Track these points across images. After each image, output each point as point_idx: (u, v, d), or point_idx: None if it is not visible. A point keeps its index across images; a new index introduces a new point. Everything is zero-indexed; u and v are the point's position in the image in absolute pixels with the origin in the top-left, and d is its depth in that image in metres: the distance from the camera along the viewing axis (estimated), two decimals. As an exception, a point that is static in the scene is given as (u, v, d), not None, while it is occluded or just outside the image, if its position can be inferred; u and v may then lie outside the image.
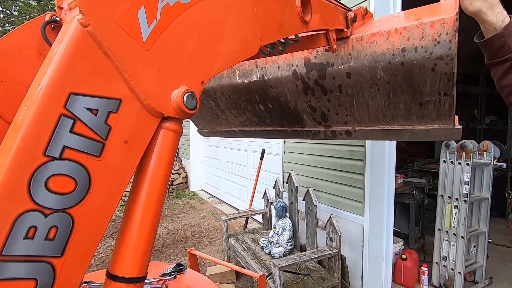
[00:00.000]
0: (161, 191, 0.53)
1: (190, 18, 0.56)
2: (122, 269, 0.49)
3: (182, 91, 0.53)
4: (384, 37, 1.17)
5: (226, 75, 1.72)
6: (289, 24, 0.87)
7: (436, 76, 1.14)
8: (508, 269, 3.10)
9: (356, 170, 2.57)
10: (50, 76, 0.39)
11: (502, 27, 0.73)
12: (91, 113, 0.43)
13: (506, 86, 0.75)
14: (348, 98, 1.39)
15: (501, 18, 0.75)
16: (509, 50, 0.73)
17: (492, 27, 0.75)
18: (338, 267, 2.36)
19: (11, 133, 0.39)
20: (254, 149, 4.73)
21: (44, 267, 0.39)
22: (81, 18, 0.41)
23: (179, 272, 1.32)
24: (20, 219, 0.37)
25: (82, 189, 0.42)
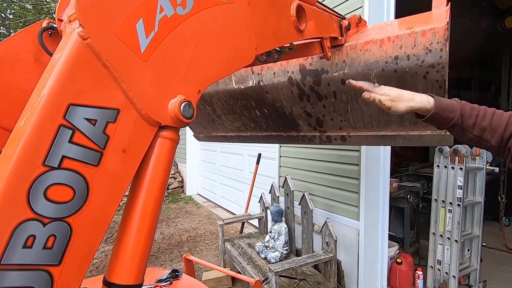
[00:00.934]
0: (158, 199, 0.54)
1: (187, 29, 0.57)
2: (118, 276, 0.50)
3: (179, 100, 0.54)
4: (378, 45, 1.20)
5: (223, 80, 1.73)
6: (284, 33, 0.89)
7: (428, 84, 1.16)
8: (502, 272, 3.13)
9: (351, 174, 2.59)
10: (50, 87, 0.40)
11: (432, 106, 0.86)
12: (90, 123, 0.43)
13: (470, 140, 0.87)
14: (343, 104, 1.42)
15: (426, 101, 0.88)
16: (449, 119, 0.85)
17: (424, 110, 0.88)
18: (334, 272, 2.37)
19: (11, 142, 0.40)
20: (250, 154, 4.74)
21: (42, 275, 0.40)
22: (81, 31, 0.42)
23: (175, 278, 1.32)
24: (19, 228, 0.38)
25: (80, 198, 0.43)
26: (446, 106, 0.86)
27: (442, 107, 0.86)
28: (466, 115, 0.85)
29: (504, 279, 2.99)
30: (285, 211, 3.07)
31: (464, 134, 0.86)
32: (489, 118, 0.84)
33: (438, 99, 0.88)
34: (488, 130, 0.83)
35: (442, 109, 0.85)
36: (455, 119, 0.84)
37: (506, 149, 0.81)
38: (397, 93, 0.90)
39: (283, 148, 3.48)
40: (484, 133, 0.83)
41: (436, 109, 0.85)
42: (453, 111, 0.85)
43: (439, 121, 0.86)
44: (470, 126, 0.84)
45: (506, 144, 0.81)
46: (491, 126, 0.83)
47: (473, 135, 0.84)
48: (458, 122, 0.85)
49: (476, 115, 0.85)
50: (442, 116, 0.85)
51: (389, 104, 0.89)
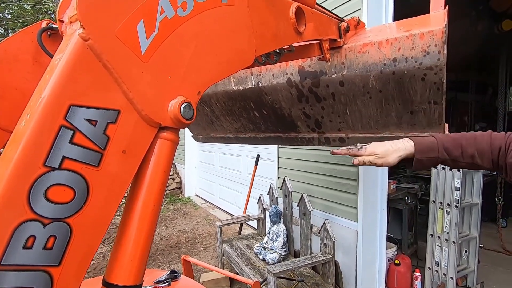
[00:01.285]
0: (157, 200, 0.54)
1: (187, 30, 0.57)
2: (118, 277, 0.50)
3: (179, 101, 0.55)
4: (376, 47, 1.21)
5: (222, 82, 1.73)
6: (283, 35, 0.89)
7: (426, 86, 1.17)
8: (499, 274, 3.14)
9: (350, 176, 2.60)
10: (51, 88, 0.40)
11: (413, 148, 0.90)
12: (90, 124, 0.44)
13: (465, 168, 0.90)
14: (341, 106, 1.42)
15: (409, 146, 0.91)
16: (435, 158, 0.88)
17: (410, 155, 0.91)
18: (332, 273, 2.37)
19: (11, 143, 0.40)
20: (248, 155, 4.74)
21: (42, 276, 0.40)
22: (82, 32, 0.42)
23: (173, 279, 1.31)
24: (19, 228, 0.38)
25: (81, 198, 0.43)
26: (426, 147, 0.89)
27: (422, 151, 0.89)
28: (450, 147, 0.87)
29: (502, 280, 3.00)
30: (283, 213, 3.07)
31: (457, 164, 0.88)
32: (473, 144, 0.86)
33: (417, 143, 0.90)
34: (477, 156, 0.85)
35: (422, 152, 0.88)
36: (440, 155, 0.87)
37: (500, 168, 0.83)
38: (382, 149, 0.93)
39: (282, 150, 3.48)
40: (474, 159, 0.85)
41: (417, 155, 0.88)
42: (434, 150, 0.88)
43: (426, 163, 0.89)
44: (459, 156, 0.86)
45: (498, 164, 0.83)
46: (477, 151, 0.85)
47: (465, 163, 0.87)
48: (446, 157, 0.87)
49: (460, 145, 0.87)
50: (427, 158, 0.88)
51: (379, 161, 0.92)
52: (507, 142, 0.82)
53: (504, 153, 0.81)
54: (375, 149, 0.93)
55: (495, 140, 0.84)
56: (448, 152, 0.87)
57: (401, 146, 0.91)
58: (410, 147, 0.90)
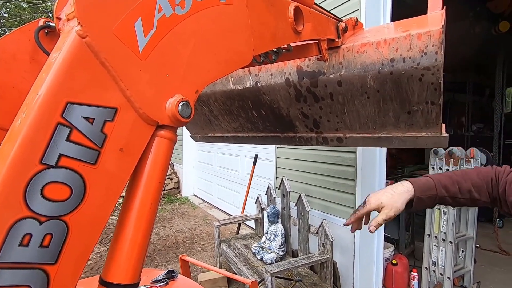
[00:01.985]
0: (155, 198, 0.54)
1: (185, 29, 0.57)
2: (115, 275, 0.49)
3: (177, 100, 0.55)
4: (374, 47, 1.21)
5: (220, 81, 1.73)
6: (282, 34, 0.90)
7: (423, 86, 1.18)
8: (495, 274, 3.16)
9: (347, 176, 2.60)
10: (48, 85, 0.40)
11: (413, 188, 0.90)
12: (88, 122, 0.43)
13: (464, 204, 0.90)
14: (339, 106, 1.43)
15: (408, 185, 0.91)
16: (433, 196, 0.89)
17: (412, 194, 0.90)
18: (329, 273, 2.38)
19: (8, 140, 0.40)
20: (246, 155, 4.74)
21: (38, 274, 0.39)
22: (79, 29, 0.42)
23: (171, 279, 1.31)
24: (15, 226, 0.37)
25: (77, 196, 0.43)
26: (424, 185, 0.89)
27: (421, 189, 0.89)
28: (447, 184, 0.88)
29: (498, 280, 3.02)
30: (281, 212, 3.07)
31: (456, 201, 0.89)
32: (467, 179, 0.87)
33: (414, 183, 0.90)
34: (474, 190, 0.86)
35: (422, 191, 0.89)
36: (438, 192, 0.88)
37: (498, 201, 0.84)
38: (385, 198, 0.90)
39: (280, 150, 3.49)
40: (471, 193, 0.86)
41: (417, 193, 0.88)
42: (431, 188, 0.88)
43: (426, 201, 0.89)
44: (457, 192, 0.87)
45: (497, 198, 0.84)
46: (474, 186, 0.86)
47: (463, 199, 0.87)
48: (444, 194, 0.88)
49: (456, 181, 0.88)
50: (427, 196, 0.88)
51: (392, 213, 0.88)
52: (496, 174, 0.84)
53: (496, 185, 0.83)
54: (379, 201, 0.90)
55: (485, 173, 0.86)
56: (446, 189, 0.88)
57: (402, 188, 0.90)
58: (411, 188, 0.89)
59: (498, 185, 0.83)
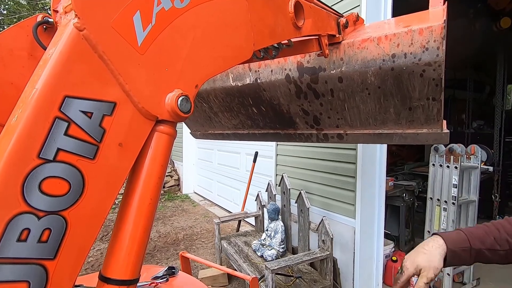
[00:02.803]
0: (154, 194, 0.53)
1: (184, 22, 0.56)
2: (115, 271, 0.49)
3: (176, 94, 0.54)
4: (375, 43, 1.20)
5: (220, 78, 1.72)
6: (282, 29, 0.89)
7: (424, 82, 1.17)
8: (495, 270, 3.17)
9: (348, 173, 2.60)
10: (45, 79, 0.40)
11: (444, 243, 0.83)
12: (86, 116, 0.43)
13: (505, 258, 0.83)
14: (340, 102, 1.42)
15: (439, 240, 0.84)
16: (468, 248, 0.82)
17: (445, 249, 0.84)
18: (329, 269, 2.38)
19: (4, 135, 0.39)
20: (247, 152, 4.74)
21: (37, 269, 0.39)
22: (77, 22, 0.41)
23: (171, 275, 1.31)
24: (13, 221, 0.37)
25: (76, 191, 0.42)
26: (456, 238, 0.83)
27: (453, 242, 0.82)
28: (481, 236, 0.81)
29: (497, 277, 3.03)
30: (281, 209, 3.08)
31: (495, 254, 0.82)
32: (502, 228, 0.81)
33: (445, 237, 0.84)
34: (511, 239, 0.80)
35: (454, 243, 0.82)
36: (472, 245, 0.81)
37: None
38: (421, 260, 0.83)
39: (280, 147, 3.48)
40: (510, 243, 0.80)
41: (450, 245, 0.82)
42: (464, 240, 0.82)
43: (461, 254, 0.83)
44: (494, 243, 0.80)
45: None
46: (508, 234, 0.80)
47: (503, 251, 0.80)
48: (480, 247, 0.81)
49: (490, 232, 0.82)
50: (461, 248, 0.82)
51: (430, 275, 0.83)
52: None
53: None
54: (415, 264, 0.84)
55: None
56: (480, 240, 0.81)
57: (434, 244, 0.84)
58: (442, 242, 0.83)
59: None
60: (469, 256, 0.82)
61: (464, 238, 0.82)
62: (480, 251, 0.81)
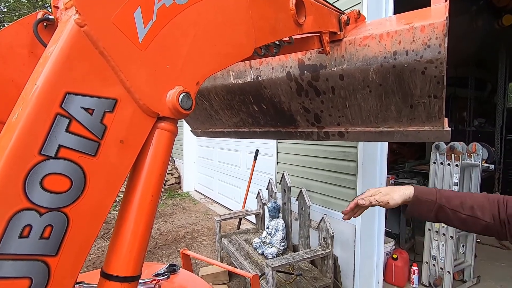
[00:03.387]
0: (156, 191, 0.53)
1: (185, 19, 0.56)
2: (116, 268, 0.49)
3: (177, 91, 0.54)
4: (376, 40, 1.20)
5: (220, 75, 1.72)
6: (283, 26, 0.88)
7: (426, 79, 1.16)
8: (495, 268, 3.17)
9: (349, 171, 2.60)
10: (46, 75, 0.40)
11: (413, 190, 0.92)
12: (87, 113, 0.43)
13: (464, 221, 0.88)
14: (341, 100, 1.41)
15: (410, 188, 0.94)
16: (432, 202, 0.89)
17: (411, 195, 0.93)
18: (330, 267, 2.39)
19: (6, 132, 0.39)
20: (247, 150, 4.74)
21: (39, 266, 0.39)
22: (78, 18, 0.41)
23: (172, 272, 1.32)
24: (15, 217, 0.37)
25: (78, 188, 0.42)
26: (425, 190, 0.91)
27: (421, 192, 0.91)
28: (450, 196, 0.88)
29: (498, 274, 3.03)
30: (282, 207, 3.08)
31: (456, 216, 0.88)
32: (471, 197, 0.87)
33: (416, 186, 0.93)
34: (476, 208, 0.84)
35: (421, 193, 0.90)
36: (438, 200, 0.88)
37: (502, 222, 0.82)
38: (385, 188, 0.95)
39: (281, 145, 3.48)
40: (474, 211, 0.85)
41: (416, 192, 0.90)
42: (432, 193, 0.90)
43: (423, 205, 0.90)
44: (458, 206, 0.86)
45: (499, 219, 0.82)
46: (477, 203, 0.85)
47: (465, 215, 0.86)
48: (444, 204, 0.87)
49: (459, 196, 0.88)
50: (425, 199, 0.89)
51: (385, 198, 0.93)
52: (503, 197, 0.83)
53: (504, 206, 0.81)
54: (379, 189, 0.96)
55: (491, 196, 0.85)
56: (447, 199, 0.88)
57: (403, 187, 0.94)
58: (411, 188, 0.93)
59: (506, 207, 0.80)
60: (432, 208, 0.88)
61: (433, 192, 0.90)
62: (443, 208, 0.87)
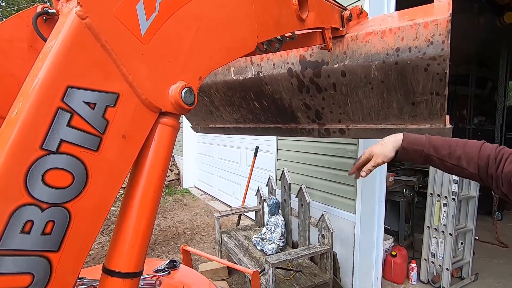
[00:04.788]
0: (158, 186, 0.53)
1: (188, 13, 0.55)
2: (118, 264, 0.49)
3: (180, 86, 0.53)
4: (379, 36, 1.19)
5: (221, 71, 1.71)
6: (286, 22, 0.87)
7: (428, 76, 1.16)
8: (494, 266, 3.19)
9: (349, 168, 2.59)
10: (47, 68, 0.39)
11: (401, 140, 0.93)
12: (89, 107, 0.42)
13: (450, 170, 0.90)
14: (342, 97, 1.41)
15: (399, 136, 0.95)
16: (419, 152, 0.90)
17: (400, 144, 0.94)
18: (329, 264, 2.39)
19: (6, 126, 0.38)
20: (247, 146, 4.73)
21: (41, 261, 0.39)
22: (79, 10, 0.40)
23: (173, 268, 1.32)
24: (16, 213, 0.36)
25: (79, 183, 0.42)
26: (414, 139, 0.92)
27: (409, 142, 0.91)
28: (438, 145, 0.89)
29: (496, 272, 3.05)
30: (282, 204, 3.08)
31: (442, 164, 0.89)
32: (462, 147, 0.87)
33: (406, 135, 0.94)
34: (463, 158, 0.85)
35: (409, 143, 0.92)
36: (425, 150, 0.89)
37: (488, 177, 0.82)
38: (376, 147, 0.97)
39: (281, 141, 3.47)
40: (460, 161, 0.86)
41: (403, 143, 0.91)
42: (420, 143, 0.90)
43: (411, 154, 0.92)
44: (445, 155, 0.88)
45: (486, 172, 0.82)
46: (465, 154, 0.85)
47: (450, 164, 0.87)
48: (431, 153, 0.89)
49: (449, 145, 0.88)
50: (413, 149, 0.91)
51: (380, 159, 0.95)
52: (497, 152, 0.82)
53: (494, 163, 0.81)
54: (371, 151, 0.97)
55: (485, 149, 0.85)
56: (435, 149, 0.88)
57: (392, 138, 0.96)
58: (400, 138, 0.93)
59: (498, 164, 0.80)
60: (419, 157, 0.91)
61: (422, 141, 0.91)
62: (430, 157, 0.90)
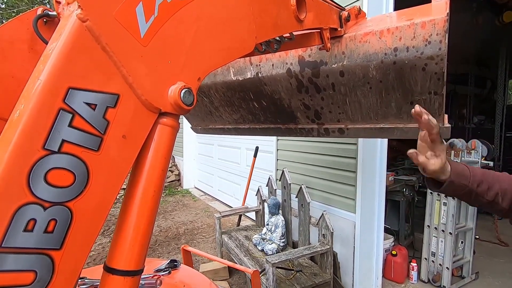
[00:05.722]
0: (158, 186, 0.54)
1: (187, 14, 0.56)
2: (119, 262, 0.50)
3: (179, 87, 0.54)
4: (377, 36, 1.19)
5: (221, 72, 1.72)
6: (284, 22, 0.88)
7: (426, 76, 1.16)
8: (494, 265, 3.19)
9: (348, 168, 2.61)
10: (49, 70, 0.40)
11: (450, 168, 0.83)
12: (90, 108, 0.43)
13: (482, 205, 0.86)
14: (341, 97, 1.41)
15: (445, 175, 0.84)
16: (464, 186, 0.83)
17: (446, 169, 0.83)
18: (330, 263, 2.40)
19: (9, 127, 0.39)
20: (247, 147, 4.74)
21: (43, 259, 0.40)
22: (80, 13, 0.41)
23: (173, 268, 1.33)
24: (19, 211, 0.37)
25: (81, 182, 0.42)
26: (461, 170, 0.83)
27: (458, 173, 0.82)
28: (480, 181, 0.83)
29: (496, 271, 3.05)
30: (282, 204, 3.09)
31: (477, 200, 0.84)
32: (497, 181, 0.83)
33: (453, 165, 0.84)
34: (500, 194, 0.82)
35: (457, 175, 0.82)
36: (470, 184, 0.82)
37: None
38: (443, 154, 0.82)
39: (281, 142, 3.48)
40: (496, 197, 0.82)
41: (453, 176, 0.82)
42: (466, 177, 0.83)
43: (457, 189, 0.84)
44: (484, 191, 0.82)
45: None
46: (501, 190, 0.82)
47: (486, 200, 0.83)
48: (474, 188, 0.83)
49: (488, 180, 0.83)
50: (459, 184, 0.83)
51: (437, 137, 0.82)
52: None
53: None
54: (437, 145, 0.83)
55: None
56: (478, 185, 0.83)
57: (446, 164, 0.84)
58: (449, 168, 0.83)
59: None
60: (460, 191, 0.84)
61: (466, 175, 0.83)
62: (470, 192, 0.83)
